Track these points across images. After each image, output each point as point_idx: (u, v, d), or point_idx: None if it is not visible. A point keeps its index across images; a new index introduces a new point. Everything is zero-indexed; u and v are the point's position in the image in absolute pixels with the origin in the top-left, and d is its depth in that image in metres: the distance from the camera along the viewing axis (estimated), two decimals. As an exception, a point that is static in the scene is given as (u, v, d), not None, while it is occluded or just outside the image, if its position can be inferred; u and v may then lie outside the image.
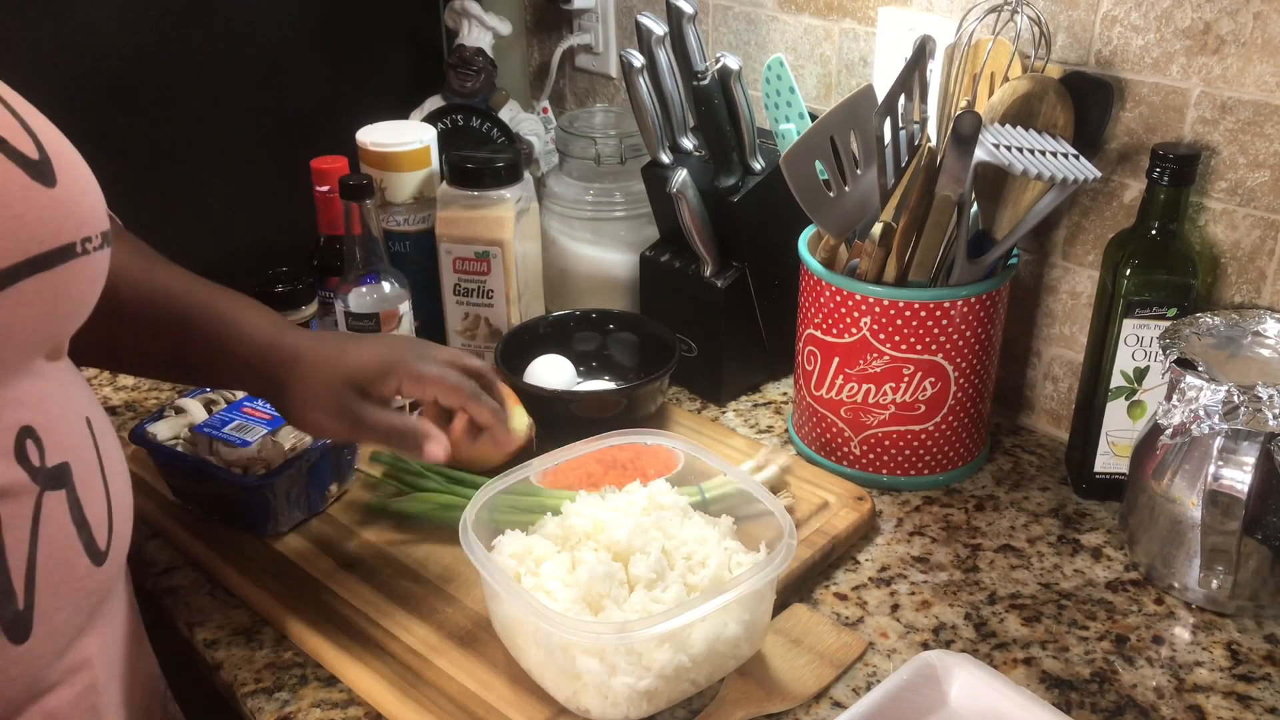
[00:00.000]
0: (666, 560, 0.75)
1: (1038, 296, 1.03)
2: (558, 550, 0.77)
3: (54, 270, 0.51)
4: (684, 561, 0.75)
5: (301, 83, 1.25)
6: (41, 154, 0.52)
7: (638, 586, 0.73)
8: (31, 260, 0.50)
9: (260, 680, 0.77)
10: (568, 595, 0.72)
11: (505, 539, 0.78)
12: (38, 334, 0.53)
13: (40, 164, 0.52)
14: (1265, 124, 0.84)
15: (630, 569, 0.74)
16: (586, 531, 0.77)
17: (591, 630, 0.68)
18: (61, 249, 0.52)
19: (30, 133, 0.53)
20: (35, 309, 0.51)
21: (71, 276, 0.53)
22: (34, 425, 0.53)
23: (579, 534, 0.77)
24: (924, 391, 0.92)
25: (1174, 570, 0.83)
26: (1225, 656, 0.78)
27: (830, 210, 0.91)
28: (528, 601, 0.69)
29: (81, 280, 0.54)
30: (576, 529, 0.78)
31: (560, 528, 0.79)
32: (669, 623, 0.67)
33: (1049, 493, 0.97)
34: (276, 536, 0.88)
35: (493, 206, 1.04)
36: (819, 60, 1.12)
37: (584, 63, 1.39)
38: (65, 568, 0.55)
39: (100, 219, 0.56)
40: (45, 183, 0.51)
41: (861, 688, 0.76)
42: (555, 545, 0.77)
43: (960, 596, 0.84)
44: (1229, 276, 0.90)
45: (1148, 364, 0.89)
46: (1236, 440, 0.77)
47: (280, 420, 0.90)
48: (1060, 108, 0.88)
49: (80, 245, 0.53)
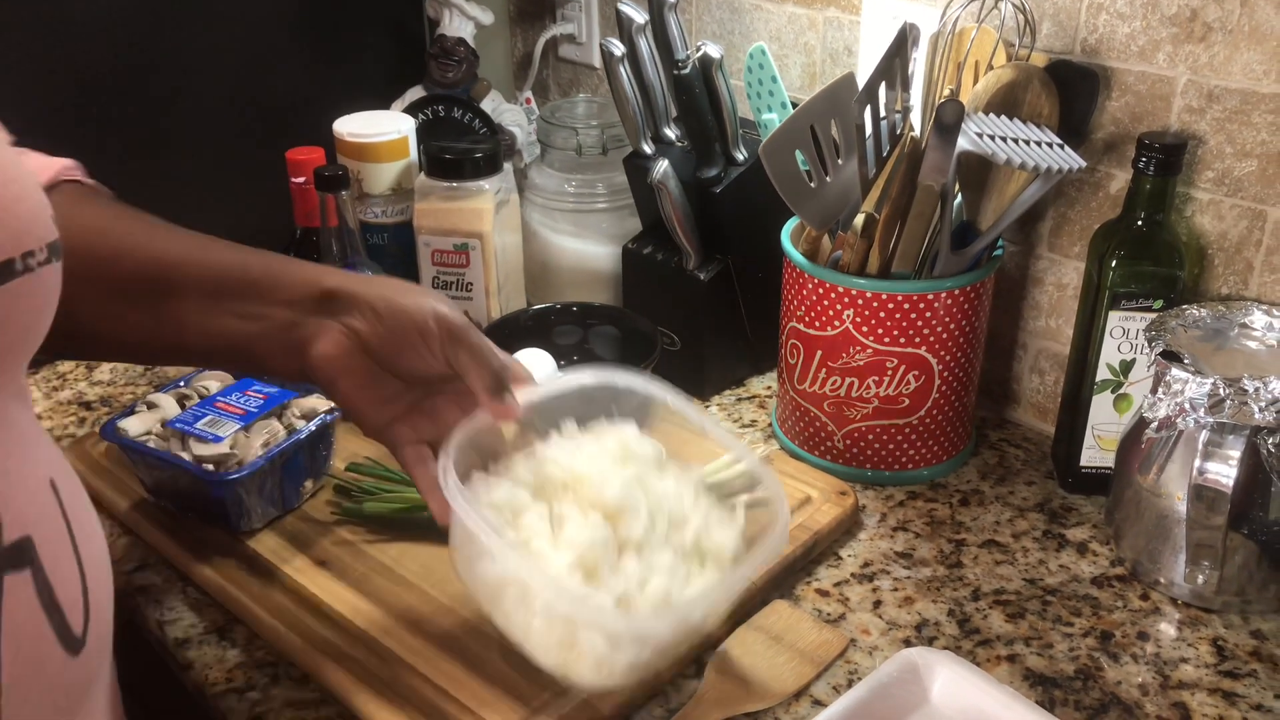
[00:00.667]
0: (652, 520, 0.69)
1: (1023, 289, 1.01)
2: (533, 498, 0.70)
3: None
4: (665, 520, 0.69)
5: (281, 73, 1.23)
6: None
7: (627, 550, 0.67)
8: None
9: (231, 680, 0.76)
10: (562, 559, 0.66)
11: (477, 483, 0.70)
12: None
13: None
14: (1252, 113, 0.83)
15: (620, 531, 0.68)
16: (564, 482, 0.70)
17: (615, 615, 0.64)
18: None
19: None
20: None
21: (13, 298, 0.46)
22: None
23: (554, 484, 0.70)
24: (908, 385, 0.91)
25: (1160, 565, 0.82)
26: (1211, 653, 0.78)
27: (811, 201, 0.90)
28: (542, 574, 0.64)
29: (27, 301, 0.47)
30: (553, 479, 0.70)
31: (533, 474, 0.71)
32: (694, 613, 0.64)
33: (1035, 487, 0.96)
34: (250, 533, 0.87)
35: (471, 198, 1.03)
36: (803, 49, 1.11)
37: (567, 53, 1.37)
38: (35, 664, 0.48)
39: (45, 229, 0.48)
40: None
41: (842, 685, 0.75)
42: (528, 493, 0.70)
43: (944, 592, 0.83)
44: (1216, 268, 0.89)
45: (1134, 356, 0.88)
46: (1222, 434, 0.75)
47: (254, 415, 0.88)
48: (1045, 96, 0.86)
49: (21, 261, 0.46)
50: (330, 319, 0.68)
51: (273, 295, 0.68)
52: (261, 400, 0.90)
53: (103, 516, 0.92)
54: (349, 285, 0.68)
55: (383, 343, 0.67)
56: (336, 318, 0.68)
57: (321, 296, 0.68)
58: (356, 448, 0.97)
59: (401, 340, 0.67)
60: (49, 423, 1.05)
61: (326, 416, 0.90)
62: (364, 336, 0.67)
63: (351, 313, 0.67)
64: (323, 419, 0.89)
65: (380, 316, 0.67)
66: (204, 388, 0.94)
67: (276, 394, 0.91)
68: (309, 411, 0.90)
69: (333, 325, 0.68)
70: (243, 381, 0.94)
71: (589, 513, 0.68)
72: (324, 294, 0.68)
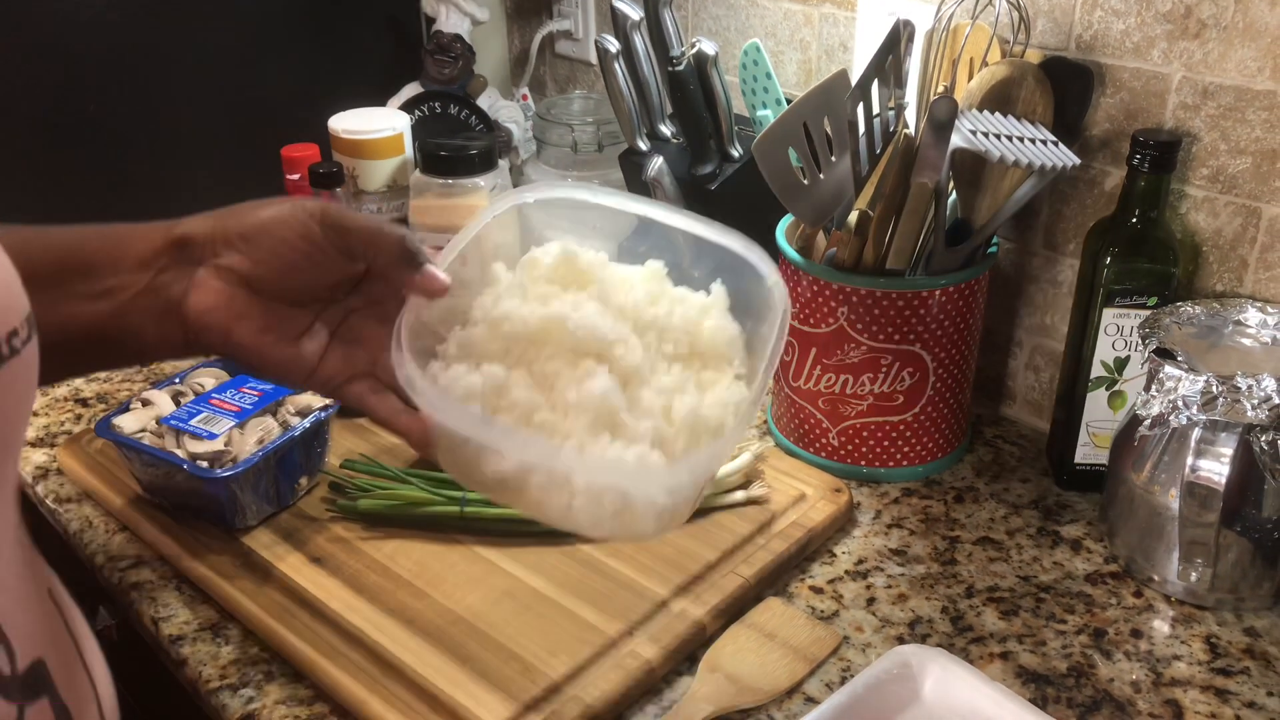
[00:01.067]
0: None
1: (1019, 285, 1.01)
2: (508, 369, 0.61)
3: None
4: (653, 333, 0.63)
5: (277, 70, 1.23)
6: None
7: (632, 383, 0.60)
8: None
9: (225, 676, 0.76)
10: (578, 424, 0.58)
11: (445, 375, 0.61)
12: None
13: None
14: (1247, 109, 0.83)
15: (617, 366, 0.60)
16: (531, 336, 0.61)
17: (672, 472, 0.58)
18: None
19: None
20: None
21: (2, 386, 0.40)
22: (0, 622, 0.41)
23: (523, 342, 0.61)
24: (902, 382, 0.91)
25: (1153, 563, 0.82)
26: (1204, 650, 0.78)
27: (804, 198, 0.90)
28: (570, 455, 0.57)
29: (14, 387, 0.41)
30: (518, 337, 0.61)
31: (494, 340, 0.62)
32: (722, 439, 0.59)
33: (1030, 484, 0.96)
34: (244, 530, 0.87)
35: (466, 195, 1.03)
36: (799, 45, 1.11)
37: (564, 49, 1.37)
38: None
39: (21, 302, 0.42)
40: None
41: (835, 682, 0.75)
42: (500, 365, 0.61)
43: (937, 590, 0.83)
44: (1210, 265, 0.89)
45: (1128, 354, 0.88)
46: (1215, 431, 0.75)
47: (249, 412, 0.88)
48: (1039, 93, 0.86)
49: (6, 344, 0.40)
50: (196, 266, 0.59)
51: (119, 264, 0.59)
52: (256, 397, 0.90)
53: (98, 513, 0.93)
54: (201, 225, 0.59)
55: (266, 269, 0.59)
56: (203, 264, 0.59)
57: (175, 246, 0.59)
58: (351, 445, 0.97)
59: (285, 257, 0.59)
60: (44, 419, 1.05)
61: (321, 413, 0.90)
62: (242, 271, 0.59)
63: (218, 251, 0.59)
64: (317, 416, 0.89)
65: (251, 241, 0.59)
66: (199, 384, 0.94)
67: (271, 391, 0.91)
68: (304, 408, 0.90)
69: (201, 272, 0.59)
70: (238, 378, 0.94)
71: (578, 362, 0.60)
72: (176, 242, 0.59)
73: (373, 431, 1.00)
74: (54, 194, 1.10)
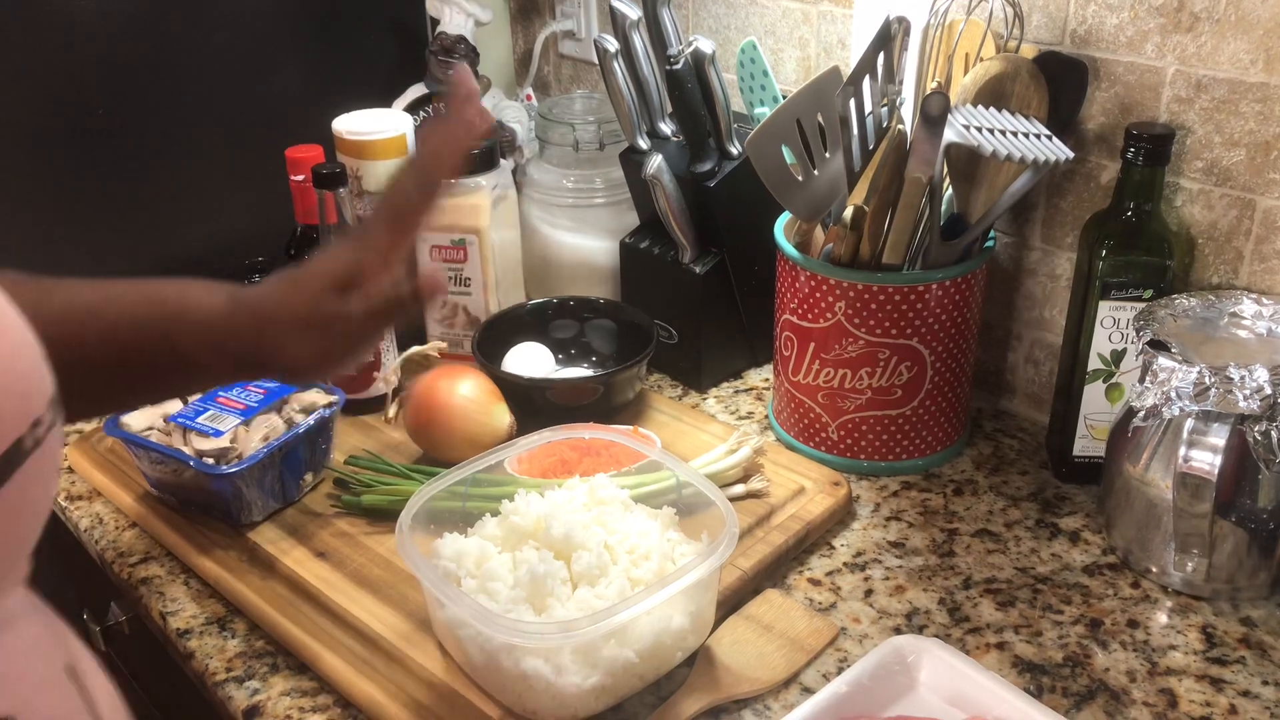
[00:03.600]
0: (609, 555, 0.74)
1: (1017, 280, 1.02)
2: (499, 550, 0.76)
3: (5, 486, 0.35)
4: (627, 556, 0.74)
5: (282, 72, 1.24)
6: None
7: (581, 583, 0.72)
8: None
9: (231, 669, 0.78)
10: (510, 596, 0.71)
11: (444, 542, 0.76)
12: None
13: None
14: (1240, 102, 0.83)
15: (573, 566, 0.73)
16: (527, 531, 0.76)
17: (535, 630, 0.67)
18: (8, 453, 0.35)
19: None
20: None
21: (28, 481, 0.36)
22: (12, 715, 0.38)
23: (520, 533, 0.76)
24: (900, 376, 0.92)
25: (1150, 554, 0.83)
26: (1200, 640, 0.78)
27: (799, 193, 0.90)
28: (469, 605, 0.68)
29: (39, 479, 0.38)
30: (517, 528, 0.77)
31: (500, 527, 0.78)
32: (612, 620, 0.66)
33: (1029, 477, 0.96)
34: (250, 526, 0.88)
35: (468, 194, 1.04)
36: (797, 43, 1.11)
37: (567, 49, 1.38)
38: None
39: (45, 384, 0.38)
40: None
41: (832, 673, 0.76)
42: (496, 545, 0.76)
43: (935, 581, 0.84)
44: (1206, 257, 0.89)
45: (1124, 346, 0.88)
46: (1207, 422, 0.76)
47: (254, 410, 0.90)
48: (1033, 88, 0.87)
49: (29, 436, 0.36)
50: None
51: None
52: (261, 395, 0.92)
53: (108, 510, 0.94)
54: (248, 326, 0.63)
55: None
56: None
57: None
58: (357, 441, 0.99)
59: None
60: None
61: (325, 411, 0.91)
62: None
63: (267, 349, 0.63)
64: (321, 413, 0.91)
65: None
66: (206, 383, 0.95)
67: (276, 389, 0.92)
68: (309, 406, 0.92)
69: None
70: (243, 377, 0.95)
71: (542, 551, 0.73)
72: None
73: (377, 428, 1.01)
74: (59, 197, 1.12)
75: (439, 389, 0.93)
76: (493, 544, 0.77)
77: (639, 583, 0.73)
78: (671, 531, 0.78)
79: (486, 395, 0.94)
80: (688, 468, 0.81)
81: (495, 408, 0.94)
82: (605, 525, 0.77)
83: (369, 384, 1.02)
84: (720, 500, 0.75)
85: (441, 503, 0.79)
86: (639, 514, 0.79)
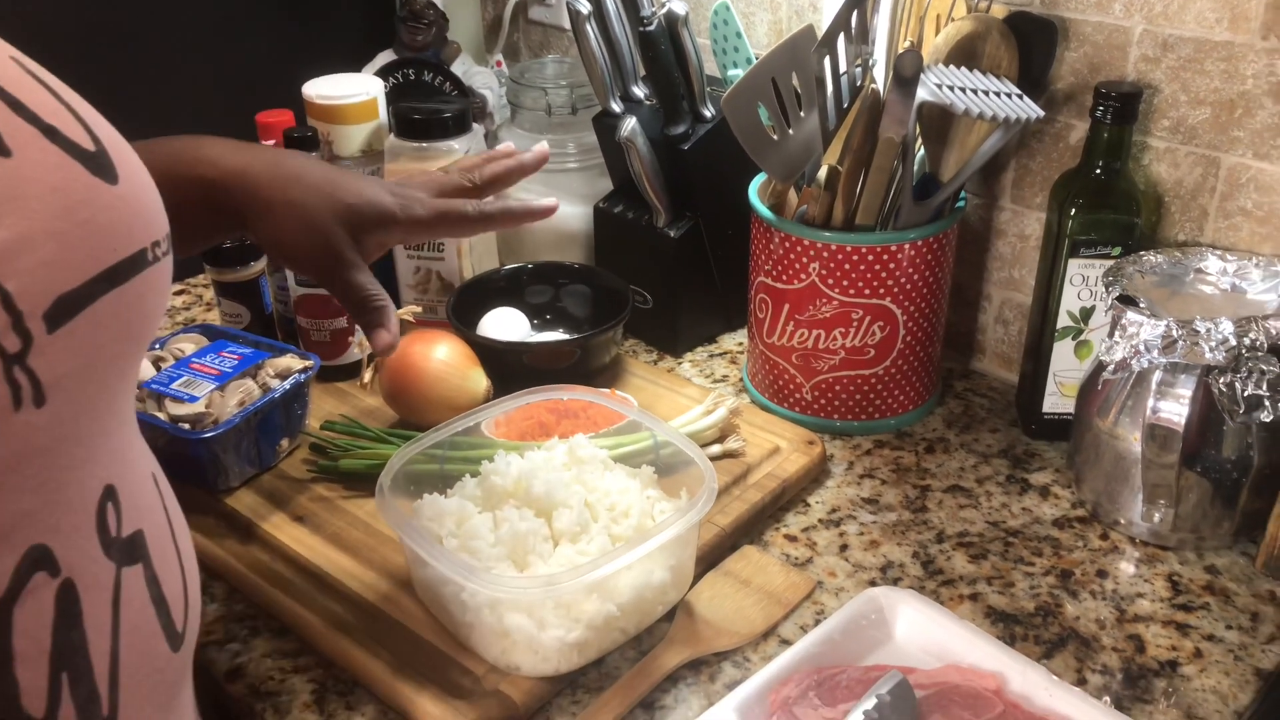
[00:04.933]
0: (590, 513, 0.75)
1: (987, 240, 1.03)
2: (479, 510, 0.77)
3: (130, 283, 0.42)
4: (607, 513, 0.75)
5: (250, 38, 1.23)
6: (97, 145, 0.43)
7: (562, 541, 0.73)
8: (107, 273, 0.41)
9: (212, 632, 0.78)
10: (492, 554, 0.72)
11: (424, 503, 0.77)
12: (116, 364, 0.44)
13: (98, 156, 0.43)
14: (1205, 60, 0.84)
15: (554, 524, 0.74)
16: (507, 490, 0.77)
17: (519, 585, 0.68)
18: (134, 258, 0.43)
19: (80, 120, 0.44)
20: (112, 332, 0.42)
21: (146, 289, 0.44)
22: (115, 485, 0.45)
23: (500, 493, 0.77)
24: (873, 336, 0.93)
25: (1118, 506, 0.84)
26: (1166, 588, 0.80)
27: (774, 153, 0.91)
28: (453, 562, 0.68)
29: (153, 294, 0.45)
30: (497, 488, 0.77)
31: (480, 488, 0.79)
32: (596, 572, 0.67)
33: (999, 434, 0.98)
34: (228, 491, 0.88)
35: (441, 158, 1.03)
36: (769, 6, 1.11)
37: (537, 15, 1.37)
38: (147, 659, 0.47)
39: (164, 220, 0.47)
40: (107, 179, 0.42)
41: (810, 625, 0.77)
42: (476, 505, 0.77)
43: (909, 536, 0.85)
44: (1172, 215, 0.90)
45: (1093, 303, 0.90)
46: (1175, 374, 0.77)
47: (229, 375, 0.89)
48: (1004, 48, 0.88)
49: (151, 251, 0.44)
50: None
51: None
52: (236, 361, 0.91)
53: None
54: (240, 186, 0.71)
55: None
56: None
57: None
58: (332, 407, 0.98)
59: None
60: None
61: (300, 375, 0.91)
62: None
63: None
64: (297, 378, 0.90)
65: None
66: (179, 349, 0.94)
67: (251, 354, 0.92)
68: (284, 370, 0.91)
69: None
70: (217, 343, 0.95)
71: (523, 510, 0.74)
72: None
73: (352, 394, 1.01)
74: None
75: (415, 353, 0.93)
76: (473, 504, 0.77)
77: (620, 539, 0.73)
78: (651, 489, 0.79)
79: (463, 359, 0.94)
80: (666, 426, 0.81)
81: (472, 371, 0.94)
82: (585, 484, 0.77)
83: (344, 350, 1.02)
84: (699, 456, 0.75)
85: (420, 465, 0.79)
86: (618, 473, 0.80)
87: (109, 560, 0.44)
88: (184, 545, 0.52)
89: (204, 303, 1.23)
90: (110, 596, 0.44)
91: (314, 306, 1.00)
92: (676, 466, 0.80)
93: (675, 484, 0.79)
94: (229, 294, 1.04)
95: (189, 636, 0.51)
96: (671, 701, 0.71)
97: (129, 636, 0.45)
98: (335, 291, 0.72)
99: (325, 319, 1.00)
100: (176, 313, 1.21)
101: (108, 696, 0.44)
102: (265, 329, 1.06)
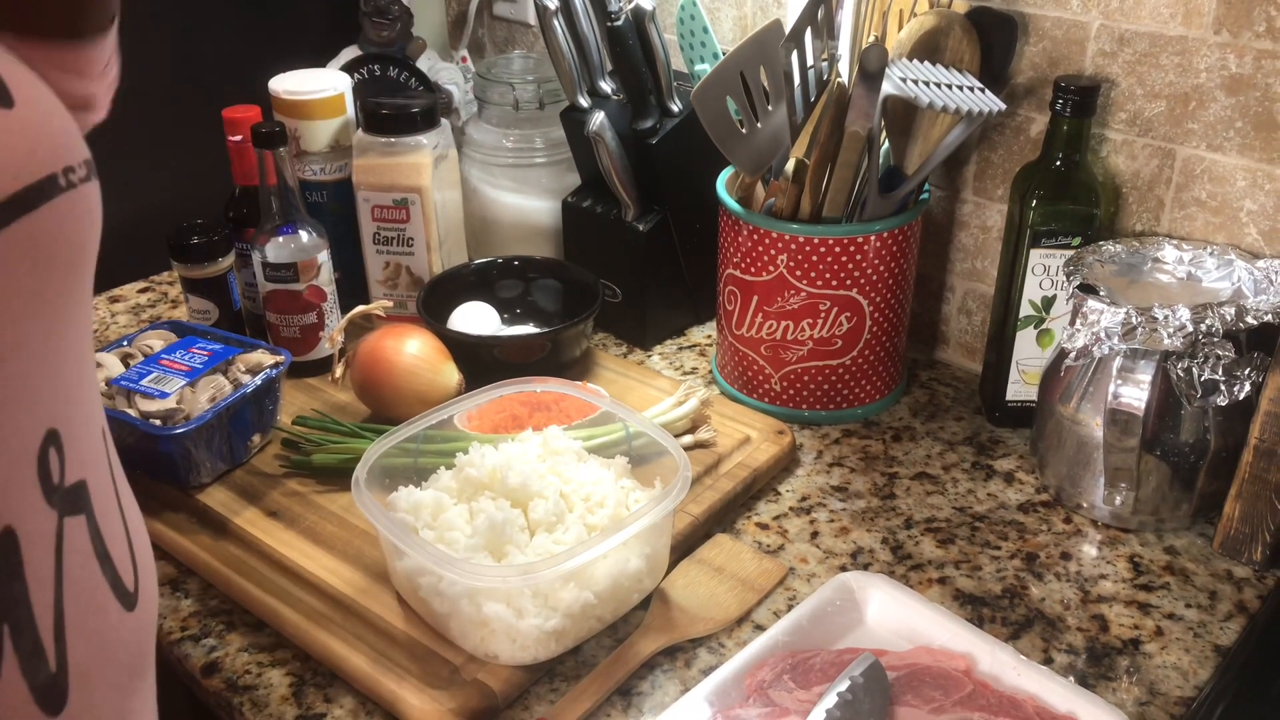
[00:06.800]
0: (565, 503, 0.76)
1: (950, 232, 1.05)
2: (455, 502, 0.77)
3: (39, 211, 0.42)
4: (582, 503, 0.76)
5: (214, 34, 1.22)
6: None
7: (538, 530, 0.74)
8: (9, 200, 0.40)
9: (187, 628, 0.77)
10: (469, 545, 0.72)
11: (400, 495, 0.78)
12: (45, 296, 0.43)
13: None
14: (1160, 55, 0.86)
15: (530, 514, 0.75)
16: (483, 482, 0.78)
17: (497, 574, 0.69)
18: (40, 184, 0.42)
19: None
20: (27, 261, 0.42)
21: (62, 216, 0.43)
22: (59, 429, 0.44)
23: (475, 484, 0.78)
24: (840, 326, 0.94)
25: (1081, 490, 0.87)
26: (1128, 569, 0.82)
27: (743, 146, 0.92)
28: (430, 553, 0.69)
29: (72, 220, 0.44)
30: (473, 479, 0.78)
31: (456, 480, 0.79)
32: (572, 561, 0.68)
33: (964, 422, 1.00)
34: (200, 488, 0.88)
35: (409, 153, 1.03)
36: (734, 2, 1.13)
37: (502, 11, 1.37)
38: (97, 614, 0.46)
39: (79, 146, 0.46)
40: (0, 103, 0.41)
41: (782, 610, 0.78)
42: (452, 497, 0.78)
43: (878, 522, 0.87)
44: (1130, 205, 0.93)
45: (1054, 293, 0.92)
46: (1135, 360, 0.80)
47: (199, 371, 0.89)
48: (966, 42, 0.89)
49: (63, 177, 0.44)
50: None
51: None
52: (206, 357, 0.91)
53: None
54: None
55: None
56: None
57: None
58: (304, 402, 0.98)
59: None
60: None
61: (271, 371, 0.91)
62: None
63: None
64: (268, 374, 0.90)
65: None
66: (148, 346, 0.94)
67: (221, 350, 0.92)
68: (254, 366, 0.91)
69: None
70: (186, 339, 0.94)
71: (499, 500, 0.75)
72: None
73: (322, 390, 1.01)
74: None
75: (386, 347, 0.93)
76: (449, 495, 0.77)
77: (595, 528, 0.74)
78: (625, 479, 0.80)
79: (434, 353, 0.94)
80: (639, 416, 0.82)
81: (444, 365, 0.94)
82: (560, 475, 0.78)
83: (314, 345, 1.02)
84: (672, 446, 0.76)
85: (393, 459, 0.80)
86: (593, 463, 0.80)
87: (50, 509, 0.43)
88: (128, 503, 0.51)
89: (169, 300, 1.22)
90: (52, 544, 0.43)
91: (283, 302, 1.00)
92: (649, 457, 0.80)
93: (649, 474, 0.80)
94: (197, 290, 1.04)
95: (144, 599, 0.50)
96: (648, 688, 0.72)
97: (73, 589, 0.44)
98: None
99: (294, 314, 1.00)
100: (142, 310, 1.20)
101: (54, 651, 0.43)
102: (234, 325, 1.05)
